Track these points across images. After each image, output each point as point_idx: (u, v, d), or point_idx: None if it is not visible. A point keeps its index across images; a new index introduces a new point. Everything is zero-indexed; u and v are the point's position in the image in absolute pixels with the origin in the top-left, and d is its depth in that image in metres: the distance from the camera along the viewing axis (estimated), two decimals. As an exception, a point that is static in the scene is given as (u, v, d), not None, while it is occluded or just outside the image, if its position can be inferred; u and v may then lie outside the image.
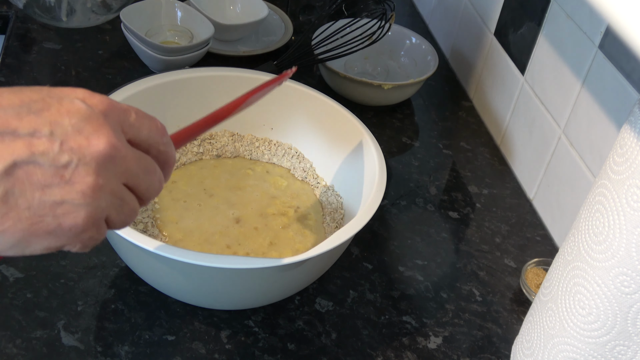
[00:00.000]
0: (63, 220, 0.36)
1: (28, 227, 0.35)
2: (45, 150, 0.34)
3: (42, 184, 0.35)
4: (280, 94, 0.82)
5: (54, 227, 0.36)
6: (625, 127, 0.51)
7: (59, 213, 0.35)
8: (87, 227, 0.37)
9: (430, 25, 1.27)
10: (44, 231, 0.36)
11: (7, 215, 0.34)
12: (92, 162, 0.36)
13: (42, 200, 0.35)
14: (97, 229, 0.38)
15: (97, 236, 0.39)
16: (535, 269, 0.78)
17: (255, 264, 0.58)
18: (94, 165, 0.36)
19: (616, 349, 0.55)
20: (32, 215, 0.35)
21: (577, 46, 0.80)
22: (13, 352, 0.62)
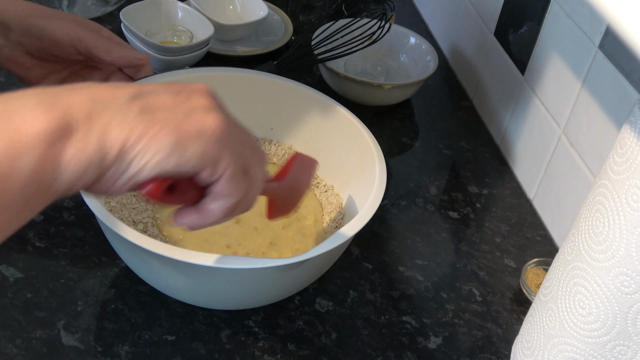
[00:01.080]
0: (203, 122, 0.41)
1: (175, 128, 0.40)
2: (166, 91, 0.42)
3: (169, 104, 0.41)
4: (281, 93, 0.82)
5: (199, 127, 0.41)
6: (625, 127, 0.51)
7: (196, 117, 0.41)
8: (224, 131, 0.43)
9: (430, 25, 1.27)
10: (191, 131, 0.41)
11: (154, 120, 0.39)
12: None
13: (175, 111, 0.41)
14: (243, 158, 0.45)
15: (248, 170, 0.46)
16: (535, 269, 0.78)
17: (255, 264, 0.58)
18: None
19: (616, 349, 0.55)
20: (174, 120, 0.40)
21: (577, 46, 0.80)
22: (13, 352, 0.62)
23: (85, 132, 0.37)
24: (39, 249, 0.72)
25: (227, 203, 0.46)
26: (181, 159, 0.41)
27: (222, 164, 0.43)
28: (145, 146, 0.39)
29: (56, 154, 0.36)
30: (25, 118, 0.35)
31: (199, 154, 0.41)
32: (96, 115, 0.38)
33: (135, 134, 0.39)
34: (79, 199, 0.63)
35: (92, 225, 0.75)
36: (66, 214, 0.76)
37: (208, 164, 0.42)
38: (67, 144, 0.36)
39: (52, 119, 0.36)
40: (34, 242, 0.73)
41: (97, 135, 0.38)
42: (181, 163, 0.41)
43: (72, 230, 0.75)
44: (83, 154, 0.37)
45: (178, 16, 1.05)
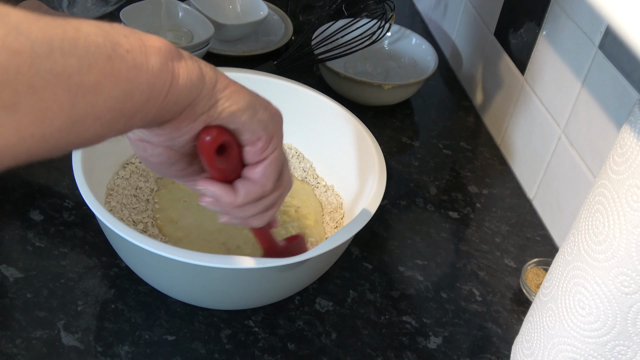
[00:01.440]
0: (269, 104, 0.50)
1: (252, 94, 0.48)
2: None
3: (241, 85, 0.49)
4: (281, 93, 0.82)
5: (267, 105, 0.49)
6: (625, 127, 0.51)
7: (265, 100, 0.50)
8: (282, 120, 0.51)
9: (430, 25, 1.27)
10: (263, 104, 0.49)
11: (235, 84, 0.48)
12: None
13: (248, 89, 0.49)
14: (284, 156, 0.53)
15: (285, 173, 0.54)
16: (535, 269, 0.78)
17: (255, 264, 0.58)
18: None
19: (616, 349, 0.55)
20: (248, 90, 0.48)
21: (577, 46, 0.80)
22: (13, 352, 0.62)
23: (191, 62, 0.44)
24: (39, 249, 0.72)
25: (254, 190, 0.51)
26: (252, 118, 0.47)
27: (273, 144, 0.50)
28: (230, 94, 0.46)
29: (172, 67, 0.42)
30: (148, 36, 0.42)
31: (265, 122, 0.49)
32: (195, 59, 0.45)
33: (223, 82, 0.46)
34: (78, 199, 0.63)
35: (92, 225, 0.75)
36: (66, 214, 0.76)
37: (265, 136, 0.49)
38: (179, 63, 0.43)
39: (168, 44, 0.43)
40: (34, 242, 0.73)
41: (199, 68, 0.44)
42: (250, 121, 0.48)
43: (72, 230, 0.75)
44: (190, 75, 0.43)
45: (178, 16, 1.05)
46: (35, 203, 0.77)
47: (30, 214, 0.76)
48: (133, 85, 0.39)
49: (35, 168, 0.82)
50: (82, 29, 0.37)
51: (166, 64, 0.41)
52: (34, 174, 0.81)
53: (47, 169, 0.82)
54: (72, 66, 0.35)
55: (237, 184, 0.51)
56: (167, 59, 0.42)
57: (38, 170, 0.81)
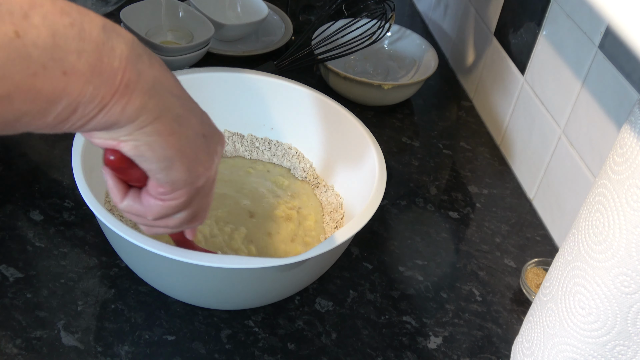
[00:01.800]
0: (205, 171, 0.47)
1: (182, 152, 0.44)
2: None
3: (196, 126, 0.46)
4: (280, 93, 0.82)
5: (196, 173, 0.46)
6: (625, 127, 0.51)
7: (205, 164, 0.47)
8: (207, 192, 0.49)
9: (430, 25, 1.27)
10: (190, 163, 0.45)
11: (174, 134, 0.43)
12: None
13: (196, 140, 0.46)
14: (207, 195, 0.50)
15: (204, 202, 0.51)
16: (535, 269, 0.78)
17: (255, 264, 0.58)
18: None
19: (616, 349, 0.55)
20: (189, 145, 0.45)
21: (577, 46, 0.80)
22: (13, 352, 0.62)
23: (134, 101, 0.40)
24: (39, 249, 0.72)
25: (139, 210, 0.49)
26: (162, 172, 0.44)
27: (177, 200, 0.47)
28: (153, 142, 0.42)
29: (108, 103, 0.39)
30: (114, 52, 0.38)
31: (174, 180, 0.45)
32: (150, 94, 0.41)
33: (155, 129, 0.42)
34: (78, 198, 0.63)
35: (92, 225, 0.75)
36: (66, 214, 0.76)
37: (169, 189, 0.46)
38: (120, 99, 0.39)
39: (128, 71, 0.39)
40: (34, 242, 0.73)
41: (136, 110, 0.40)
42: (158, 172, 0.44)
43: (72, 230, 0.75)
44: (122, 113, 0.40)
45: (178, 16, 1.05)
46: (35, 203, 0.77)
47: (30, 214, 0.76)
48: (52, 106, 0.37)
49: (35, 168, 0.82)
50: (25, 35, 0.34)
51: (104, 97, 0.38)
52: (34, 174, 0.81)
53: (47, 169, 0.82)
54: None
55: (144, 194, 0.48)
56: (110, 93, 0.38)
57: (38, 170, 0.81)
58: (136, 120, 0.41)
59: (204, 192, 0.49)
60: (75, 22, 0.37)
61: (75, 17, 0.37)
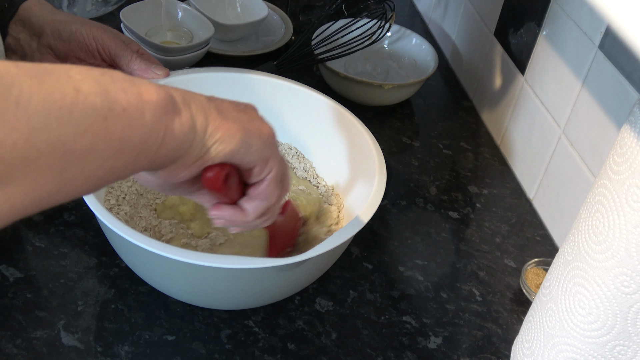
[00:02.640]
0: (261, 129, 0.50)
1: (243, 127, 0.48)
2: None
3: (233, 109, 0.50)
4: (280, 93, 0.82)
5: (259, 132, 0.50)
6: (625, 127, 0.51)
7: (255, 123, 0.51)
8: (275, 139, 0.52)
9: (430, 25, 1.27)
10: (254, 132, 0.49)
11: (227, 118, 0.48)
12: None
13: (239, 115, 0.49)
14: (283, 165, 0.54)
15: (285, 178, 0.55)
16: (535, 269, 0.78)
17: (255, 264, 0.58)
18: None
19: (616, 349, 0.55)
20: (241, 121, 0.49)
21: (577, 46, 0.80)
22: (13, 352, 0.62)
23: (185, 112, 0.44)
24: (39, 249, 0.72)
25: (261, 205, 0.54)
26: (247, 152, 0.49)
27: (270, 165, 0.52)
28: (222, 136, 0.47)
29: (166, 123, 0.42)
30: (147, 88, 0.42)
31: (259, 152, 0.50)
32: (188, 104, 0.45)
33: (214, 125, 0.46)
34: (79, 199, 0.63)
35: (92, 225, 0.75)
36: (66, 214, 0.76)
37: (261, 162, 0.51)
38: (173, 118, 0.43)
39: (164, 95, 0.43)
40: (34, 242, 0.73)
41: (190, 118, 0.45)
42: (246, 155, 0.49)
43: (72, 230, 0.75)
44: (182, 128, 0.44)
45: (178, 16, 1.05)
46: (35, 203, 0.77)
47: (30, 214, 0.76)
48: (126, 143, 0.39)
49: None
50: (82, 89, 0.37)
51: (160, 119, 0.42)
52: (34, 174, 0.81)
53: (47, 169, 0.82)
54: (67, 134, 0.35)
55: (244, 203, 0.54)
56: (162, 114, 0.42)
57: (38, 170, 0.81)
58: (197, 128, 0.45)
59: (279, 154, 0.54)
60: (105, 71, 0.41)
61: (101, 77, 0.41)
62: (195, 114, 0.45)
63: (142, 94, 0.41)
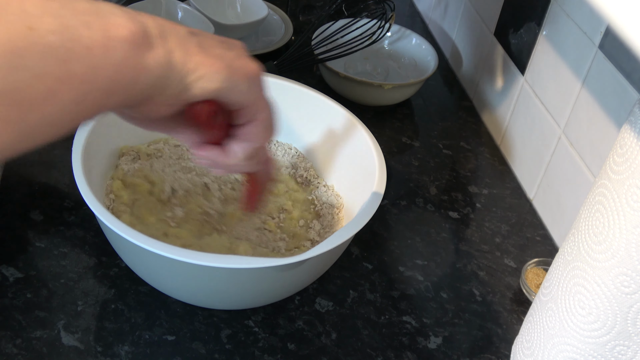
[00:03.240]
0: (248, 65, 0.47)
1: (229, 64, 0.45)
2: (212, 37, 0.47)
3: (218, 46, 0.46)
4: (281, 94, 0.82)
5: (245, 71, 0.47)
6: (625, 127, 0.51)
7: (242, 60, 0.47)
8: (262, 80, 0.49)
9: (430, 25, 1.27)
10: (241, 70, 0.46)
11: (210, 55, 0.44)
12: None
13: (225, 52, 0.46)
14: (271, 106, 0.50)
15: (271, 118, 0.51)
16: (535, 269, 0.78)
17: (255, 263, 0.58)
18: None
19: (616, 349, 0.55)
20: (226, 58, 0.45)
21: (577, 46, 0.80)
22: (13, 352, 0.62)
23: (158, 47, 0.41)
24: (39, 249, 0.72)
25: (250, 147, 0.51)
26: (232, 91, 0.46)
27: (259, 105, 0.49)
28: (204, 74, 0.44)
29: (138, 58, 0.39)
30: (116, 21, 0.38)
31: (247, 90, 0.47)
32: (164, 37, 0.42)
33: (194, 61, 0.43)
34: (78, 198, 0.63)
35: (92, 225, 0.75)
36: (66, 214, 0.76)
37: (250, 102, 0.48)
38: (147, 54, 0.40)
39: (137, 29, 0.39)
40: (34, 242, 0.73)
41: (165, 53, 0.41)
42: (231, 94, 0.46)
43: (72, 230, 0.75)
44: (158, 65, 0.40)
45: (178, 16, 1.05)
46: (35, 203, 0.77)
47: (30, 214, 0.76)
48: (92, 85, 0.37)
49: (35, 168, 0.82)
50: (37, 26, 0.34)
51: (130, 56, 0.39)
52: (34, 174, 0.81)
53: (47, 169, 0.82)
54: (21, 80, 0.33)
55: (232, 144, 0.51)
56: (132, 50, 0.39)
57: (38, 170, 0.81)
58: (173, 65, 0.42)
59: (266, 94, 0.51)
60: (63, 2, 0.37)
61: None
62: (172, 49, 0.42)
63: (109, 29, 0.37)
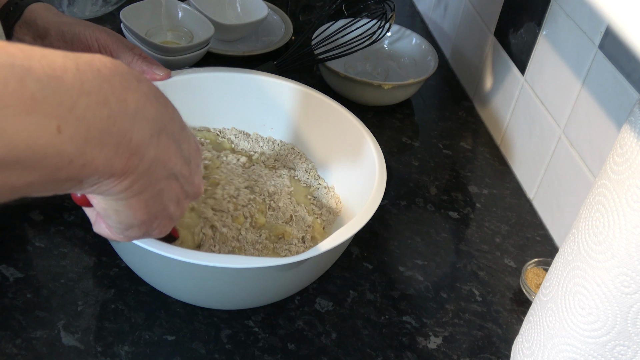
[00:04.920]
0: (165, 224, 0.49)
1: (151, 215, 0.47)
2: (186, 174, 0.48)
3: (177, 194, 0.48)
4: (281, 94, 0.82)
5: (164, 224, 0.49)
6: (625, 127, 0.51)
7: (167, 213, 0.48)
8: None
9: (430, 25, 1.27)
10: (157, 219, 0.47)
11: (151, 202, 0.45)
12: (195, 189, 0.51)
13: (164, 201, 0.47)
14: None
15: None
16: (535, 269, 0.78)
17: (255, 263, 0.58)
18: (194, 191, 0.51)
19: (616, 349, 0.55)
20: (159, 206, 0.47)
21: (577, 46, 0.80)
22: (13, 352, 0.62)
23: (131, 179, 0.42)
24: (39, 249, 0.72)
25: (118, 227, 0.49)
26: (119, 228, 0.47)
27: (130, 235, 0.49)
28: (122, 209, 0.44)
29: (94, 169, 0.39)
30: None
31: (128, 233, 0.48)
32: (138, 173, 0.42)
33: (129, 201, 0.44)
34: (79, 199, 0.63)
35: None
36: (66, 214, 0.76)
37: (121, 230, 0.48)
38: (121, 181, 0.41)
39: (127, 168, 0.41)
40: (34, 242, 0.73)
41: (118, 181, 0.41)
42: (117, 227, 0.47)
43: (72, 230, 0.75)
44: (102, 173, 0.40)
45: (178, 16, 1.05)
46: (35, 203, 0.77)
47: (30, 214, 0.76)
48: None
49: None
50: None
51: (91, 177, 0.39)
52: (34, 174, 0.81)
53: (47, 169, 0.82)
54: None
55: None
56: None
57: (38, 170, 0.81)
58: (118, 195, 0.42)
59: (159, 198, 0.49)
60: (112, 113, 0.37)
61: (113, 107, 0.37)
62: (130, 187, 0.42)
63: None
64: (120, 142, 0.39)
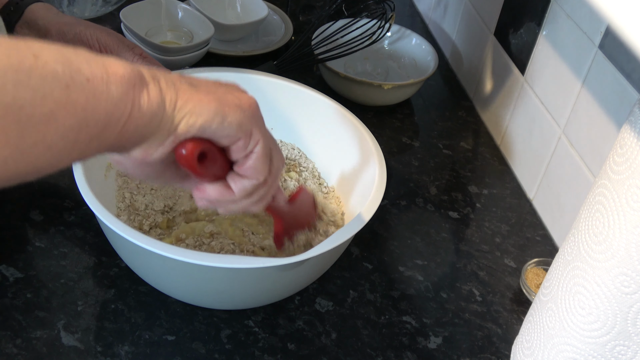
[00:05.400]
0: (240, 98, 0.49)
1: (218, 98, 0.47)
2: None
3: (210, 84, 0.49)
4: (280, 93, 0.82)
5: (237, 102, 0.48)
6: (625, 127, 0.51)
7: (234, 94, 0.49)
8: (257, 110, 0.51)
9: (430, 25, 1.27)
10: (231, 103, 0.47)
11: (199, 91, 0.46)
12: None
13: (217, 89, 0.48)
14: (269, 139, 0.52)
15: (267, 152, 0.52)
16: (535, 269, 0.78)
17: (255, 263, 0.58)
18: None
19: (616, 349, 0.55)
20: (216, 92, 0.47)
21: (577, 46, 0.80)
22: (13, 352, 0.62)
23: (154, 87, 0.43)
24: (39, 249, 0.72)
25: (248, 183, 0.51)
26: (222, 124, 0.46)
27: (255, 138, 0.49)
28: (193, 108, 0.45)
29: (133, 97, 0.41)
30: (111, 62, 0.41)
31: (237, 123, 0.47)
32: (156, 79, 0.44)
33: (184, 98, 0.45)
34: (78, 198, 0.63)
35: (92, 225, 0.75)
36: (66, 214, 0.76)
37: (243, 135, 0.48)
38: (142, 92, 0.42)
39: (131, 70, 0.42)
40: (34, 242, 0.73)
41: (158, 92, 0.43)
42: (221, 128, 0.47)
43: (72, 230, 0.75)
44: (151, 102, 0.43)
45: (178, 16, 1.05)
46: (35, 203, 0.77)
47: (30, 214, 0.76)
48: (90, 114, 0.39)
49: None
50: (42, 55, 0.36)
51: (127, 93, 0.41)
52: (34, 174, 0.81)
53: (47, 169, 0.82)
54: (24, 97, 0.35)
55: (230, 181, 0.51)
56: (129, 88, 0.41)
57: (38, 170, 0.81)
58: (166, 103, 0.44)
59: (263, 126, 0.52)
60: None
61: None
62: (164, 89, 0.44)
63: (107, 67, 0.40)
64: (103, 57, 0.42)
